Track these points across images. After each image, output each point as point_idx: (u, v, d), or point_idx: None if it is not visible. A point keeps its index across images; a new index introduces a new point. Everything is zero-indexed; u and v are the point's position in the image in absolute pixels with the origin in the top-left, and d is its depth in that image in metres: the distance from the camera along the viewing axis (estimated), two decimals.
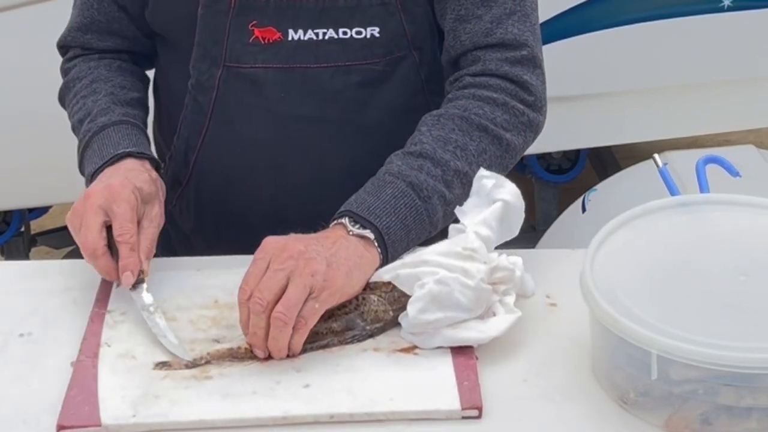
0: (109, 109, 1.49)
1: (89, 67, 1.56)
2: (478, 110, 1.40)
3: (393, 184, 1.34)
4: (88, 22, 1.57)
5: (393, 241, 1.31)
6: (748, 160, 2.41)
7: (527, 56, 1.44)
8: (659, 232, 1.29)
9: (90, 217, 1.32)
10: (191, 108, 1.51)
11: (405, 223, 1.32)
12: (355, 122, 1.49)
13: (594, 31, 2.84)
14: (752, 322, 1.14)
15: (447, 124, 1.39)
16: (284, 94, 1.48)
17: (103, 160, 1.42)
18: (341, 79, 1.47)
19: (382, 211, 1.31)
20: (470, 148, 1.38)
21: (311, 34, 1.45)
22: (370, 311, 1.28)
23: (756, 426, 1.12)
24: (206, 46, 1.48)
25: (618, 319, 1.14)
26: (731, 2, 2.84)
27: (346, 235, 1.29)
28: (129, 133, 1.46)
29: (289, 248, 1.24)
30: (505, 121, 1.41)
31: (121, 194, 1.33)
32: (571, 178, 3.30)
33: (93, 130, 1.47)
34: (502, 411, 1.18)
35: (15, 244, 3.16)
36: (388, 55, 1.48)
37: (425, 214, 1.34)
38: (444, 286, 1.24)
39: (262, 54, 1.47)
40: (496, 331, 1.25)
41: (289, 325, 1.21)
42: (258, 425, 1.17)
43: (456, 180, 1.36)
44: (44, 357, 1.29)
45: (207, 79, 1.49)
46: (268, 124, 1.49)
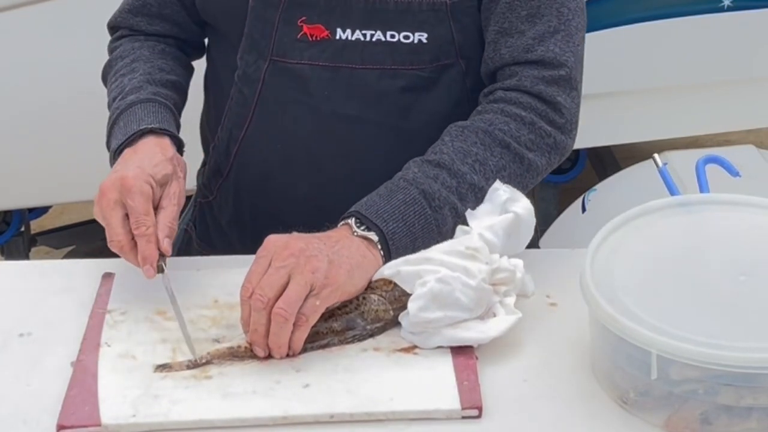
0: (141, 87, 1.50)
1: (133, 47, 1.57)
2: (504, 126, 1.40)
3: (405, 190, 1.34)
4: (140, 4, 1.58)
5: (397, 247, 1.31)
6: (748, 160, 2.41)
7: (564, 77, 1.43)
8: (659, 232, 1.29)
9: (109, 213, 1.32)
10: (236, 99, 1.52)
11: (412, 230, 1.32)
12: (397, 126, 1.49)
13: (594, 31, 2.84)
14: (752, 322, 1.14)
15: (470, 137, 1.39)
16: (328, 93, 1.48)
17: (125, 136, 1.42)
18: (386, 82, 1.47)
19: (390, 215, 1.31)
20: (490, 164, 1.38)
21: (359, 34, 1.45)
22: (371, 311, 1.28)
23: (756, 426, 1.12)
24: (254, 38, 1.48)
25: (618, 318, 1.14)
26: (731, 2, 2.84)
27: (350, 235, 1.30)
28: (155, 111, 1.46)
29: (291, 246, 1.25)
30: (529, 141, 1.41)
31: (134, 186, 1.32)
32: (571, 178, 3.29)
33: (122, 107, 1.47)
34: (502, 411, 1.18)
35: (15, 244, 3.15)
36: (434, 62, 1.47)
37: (434, 224, 1.34)
38: (445, 285, 1.24)
39: (308, 50, 1.47)
40: (496, 332, 1.25)
41: (290, 321, 1.21)
42: (258, 425, 1.17)
43: (470, 194, 1.36)
44: (44, 357, 1.29)
45: (253, 72, 1.50)
46: (310, 120, 1.49)
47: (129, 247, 1.32)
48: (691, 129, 3.11)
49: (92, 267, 1.45)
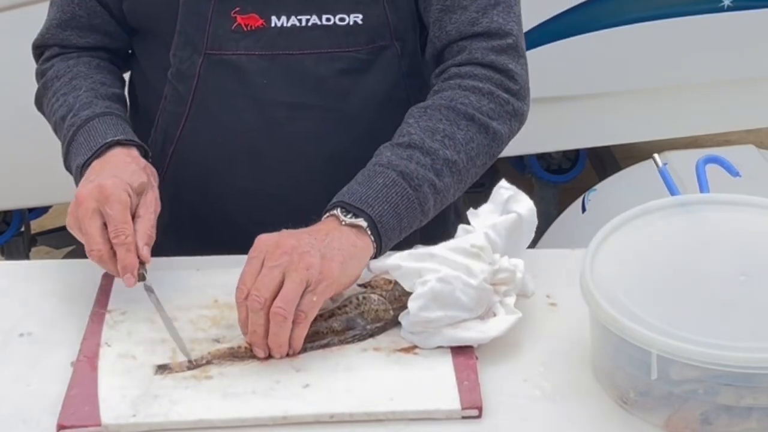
0: (92, 102, 1.48)
1: (68, 65, 1.55)
2: (464, 99, 1.42)
3: (384, 174, 1.34)
4: (69, 17, 1.56)
5: (386, 229, 1.32)
6: (748, 160, 2.41)
7: (512, 45, 1.46)
8: (659, 232, 1.29)
9: (88, 223, 1.31)
10: (170, 98, 1.51)
11: (397, 211, 1.33)
12: (337, 110, 1.50)
13: (594, 31, 2.84)
14: (752, 322, 1.14)
15: (434, 115, 1.40)
16: (267, 81, 1.48)
17: (91, 151, 1.41)
18: (324, 66, 1.48)
19: (374, 200, 1.32)
20: (458, 137, 1.39)
21: (294, 20, 1.46)
22: (371, 310, 1.28)
23: (756, 426, 1.12)
24: (188, 33, 1.48)
25: (618, 319, 1.14)
26: (731, 2, 2.84)
27: (339, 225, 1.30)
28: (115, 123, 1.46)
29: (282, 244, 1.25)
30: (491, 110, 1.43)
31: (113, 195, 1.31)
32: (571, 178, 3.29)
33: (77, 123, 1.46)
34: (502, 411, 1.18)
35: (15, 244, 3.15)
36: (370, 44, 1.48)
37: (417, 203, 1.35)
38: (446, 285, 1.24)
39: (244, 41, 1.47)
40: (497, 332, 1.25)
41: (289, 319, 1.21)
42: (258, 425, 1.17)
43: (445, 168, 1.38)
44: (44, 357, 1.29)
45: (188, 68, 1.49)
46: (250, 111, 1.49)
47: (108, 256, 1.31)
48: (691, 129, 3.11)
49: (92, 267, 1.44)
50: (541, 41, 2.82)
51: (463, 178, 1.41)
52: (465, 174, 1.41)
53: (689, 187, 1.82)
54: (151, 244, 1.34)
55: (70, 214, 1.33)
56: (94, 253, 1.31)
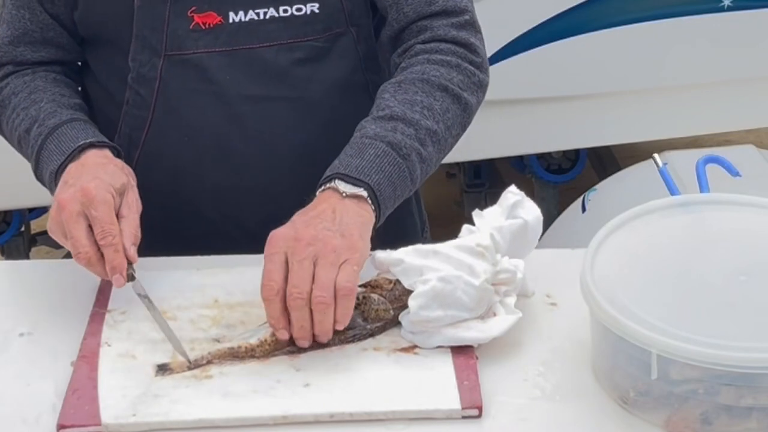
0: (56, 112, 1.47)
1: (24, 81, 1.53)
2: (435, 72, 1.44)
3: (373, 145, 1.36)
4: (21, 33, 1.54)
5: (384, 197, 1.34)
6: (748, 160, 2.41)
7: (469, 21, 1.50)
8: (659, 232, 1.29)
9: (73, 226, 1.30)
10: (133, 102, 1.50)
11: (391, 180, 1.35)
12: (300, 99, 1.51)
13: (594, 31, 2.84)
14: (752, 322, 1.14)
15: (410, 88, 1.43)
16: (229, 77, 1.48)
17: (64, 155, 1.40)
18: (284, 56, 1.49)
19: (369, 170, 1.34)
20: (436, 108, 1.42)
21: (252, 14, 1.47)
22: (371, 310, 1.28)
23: (756, 426, 1.12)
24: (145, 36, 1.47)
25: (618, 318, 1.14)
26: (731, 2, 2.84)
27: (340, 198, 1.31)
28: (83, 128, 1.45)
29: (303, 236, 1.25)
30: (461, 82, 1.46)
31: (97, 196, 1.30)
32: (571, 178, 3.30)
33: (45, 132, 1.44)
34: (502, 411, 1.18)
35: (15, 244, 3.15)
36: (327, 31, 1.50)
37: (407, 172, 1.37)
38: (447, 284, 1.24)
39: (203, 39, 1.47)
40: (497, 331, 1.25)
41: (331, 305, 1.22)
42: (258, 424, 1.17)
43: (428, 138, 1.40)
44: (44, 357, 1.28)
45: (148, 71, 1.49)
46: (215, 108, 1.50)
47: (96, 258, 1.29)
48: (691, 129, 3.11)
49: None
50: (541, 41, 2.82)
51: (443, 148, 1.44)
52: (444, 143, 1.44)
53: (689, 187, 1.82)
54: (137, 243, 1.33)
55: (51, 220, 1.32)
56: (81, 256, 1.29)
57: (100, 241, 1.29)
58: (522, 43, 2.80)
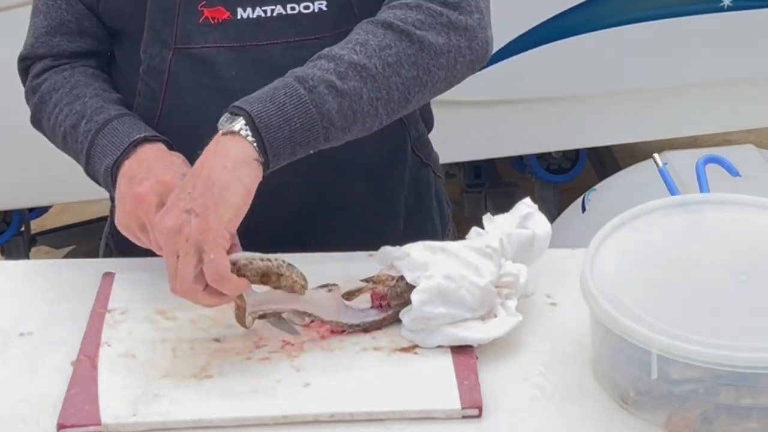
0: (103, 107, 1.48)
1: (63, 77, 1.54)
2: (387, 15, 1.38)
3: (278, 81, 1.32)
4: (57, 24, 1.55)
5: (267, 125, 1.27)
6: (748, 160, 2.41)
7: None
8: (659, 232, 1.29)
9: (153, 216, 1.29)
10: (144, 94, 1.51)
11: (283, 110, 1.29)
12: None
13: (594, 31, 2.84)
14: (752, 322, 1.14)
15: (353, 33, 1.38)
16: (236, 73, 1.48)
17: (119, 150, 1.41)
18: (292, 54, 1.47)
19: (255, 99, 1.29)
20: (371, 43, 1.35)
21: (260, 11, 1.46)
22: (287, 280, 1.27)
23: (756, 425, 1.12)
24: (156, 29, 1.48)
25: (618, 318, 1.14)
26: (731, 2, 2.84)
27: (216, 143, 1.28)
28: (134, 123, 1.45)
29: (164, 230, 1.23)
30: (417, 20, 1.37)
31: (175, 186, 1.30)
32: (571, 178, 3.30)
33: (95, 128, 1.45)
34: (502, 410, 1.18)
35: (15, 244, 3.16)
36: (336, 29, 1.48)
37: (311, 103, 1.30)
38: (452, 282, 1.24)
39: (212, 34, 1.47)
40: (497, 332, 1.26)
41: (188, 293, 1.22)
42: (258, 424, 1.17)
43: (351, 71, 1.33)
44: (44, 357, 1.29)
45: (158, 63, 1.49)
46: (221, 103, 1.48)
47: None
48: (691, 129, 3.11)
49: (92, 267, 1.45)
50: (541, 41, 2.82)
51: (382, 85, 1.35)
52: (383, 80, 1.35)
53: (689, 187, 1.82)
54: None
55: (128, 213, 1.33)
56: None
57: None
58: (522, 43, 2.79)
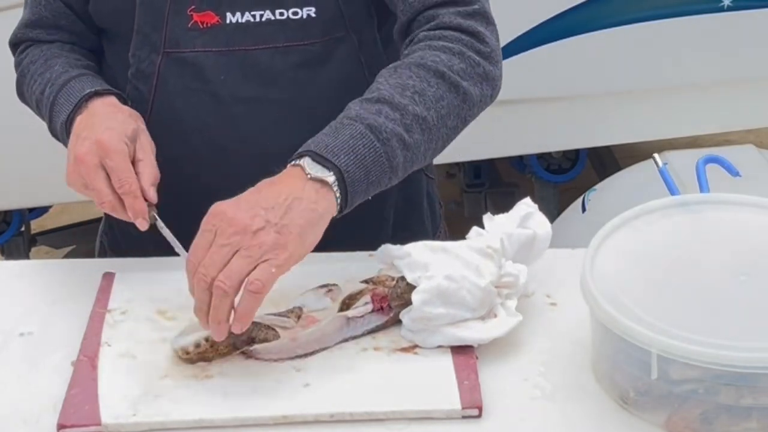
0: (67, 71, 1.51)
1: (41, 50, 1.58)
2: (435, 58, 1.40)
3: (351, 126, 1.32)
4: (36, 18, 1.58)
5: (352, 180, 1.28)
6: (748, 160, 2.41)
7: (479, 11, 1.45)
8: (659, 232, 1.29)
9: (93, 178, 1.35)
10: (132, 97, 1.52)
11: (364, 164, 1.30)
12: (296, 103, 1.50)
13: (594, 31, 2.84)
14: (752, 322, 1.14)
15: (404, 72, 1.38)
16: (225, 77, 1.49)
17: (72, 105, 1.44)
18: (280, 60, 1.49)
19: (340, 150, 1.29)
20: (428, 94, 1.37)
21: (249, 16, 1.47)
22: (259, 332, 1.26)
23: (756, 425, 1.12)
24: (145, 32, 1.49)
25: (618, 318, 1.14)
26: (731, 2, 2.84)
27: (303, 182, 1.27)
28: (90, 80, 1.49)
29: (236, 222, 1.22)
30: (461, 70, 1.40)
31: (111, 146, 1.35)
32: (571, 177, 3.30)
33: (56, 89, 1.49)
34: (502, 410, 1.18)
35: (15, 244, 3.16)
36: (325, 36, 1.49)
37: (384, 157, 1.32)
38: (452, 283, 1.24)
39: (201, 38, 1.48)
40: (497, 332, 1.26)
41: (230, 295, 1.18)
42: (258, 425, 1.17)
43: (415, 124, 1.35)
44: (44, 357, 1.29)
45: (147, 66, 1.50)
46: (210, 107, 1.50)
47: (120, 205, 1.35)
48: (691, 129, 3.11)
49: (92, 267, 1.45)
50: (541, 41, 2.83)
51: (434, 137, 1.38)
52: (435, 132, 1.38)
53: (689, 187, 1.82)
54: (156, 183, 1.38)
55: (72, 173, 1.37)
56: (105, 205, 1.35)
57: (119, 190, 1.34)
58: (522, 43, 2.80)
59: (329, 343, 1.27)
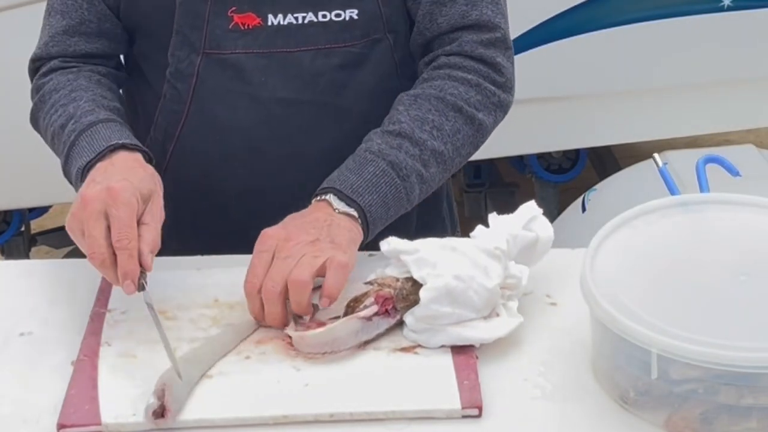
0: (94, 111, 1.45)
1: (67, 79, 1.52)
2: (453, 90, 1.46)
3: (374, 162, 1.39)
4: (77, 23, 1.53)
5: (374, 218, 1.36)
6: (748, 160, 2.41)
7: (500, 38, 1.50)
8: (659, 232, 1.29)
9: (92, 225, 1.27)
10: (170, 96, 1.51)
11: (385, 201, 1.38)
12: (333, 104, 1.52)
13: (594, 31, 2.84)
14: (752, 322, 1.14)
15: (423, 104, 1.44)
16: (265, 79, 1.49)
17: (94, 153, 1.38)
18: (321, 61, 1.49)
19: (364, 189, 1.36)
20: (446, 128, 1.44)
21: (291, 18, 1.47)
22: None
23: (756, 425, 1.12)
24: (185, 33, 1.48)
25: (618, 318, 1.14)
26: (731, 2, 2.84)
27: (333, 213, 1.34)
28: (119, 129, 1.43)
29: (293, 237, 1.28)
30: (477, 102, 1.47)
31: (121, 197, 1.27)
32: (571, 177, 3.30)
33: (79, 129, 1.42)
34: (502, 410, 1.18)
35: (15, 244, 3.16)
36: (365, 38, 1.50)
37: (404, 192, 1.40)
38: (460, 283, 1.25)
39: (242, 39, 1.48)
40: (500, 333, 1.26)
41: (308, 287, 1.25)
42: (258, 424, 1.17)
43: (432, 159, 1.42)
44: (44, 357, 1.29)
45: (186, 67, 1.50)
46: (248, 108, 1.50)
47: (111, 261, 1.26)
48: (691, 129, 3.11)
49: (92, 267, 1.44)
50: (541, 41, 2.83)
51: (448, 168, 1.46)
52: (450, 163, 1.46)
53: (689, 187, 1.82)
54: (155, 252, 1.29)
55: (73, 216, 1.29)
56: (95, 256, 1.26)
57: (115, 243, 1.26)
58: (522, 43, 2.79)
59: (341, 347, 1.26)
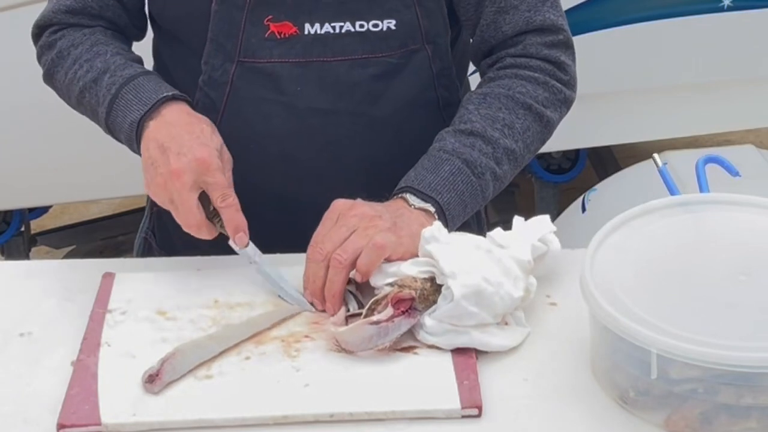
0: (127, 64, 1.48)
1: (83, 33, 1.53)
2: (521, 89, 1.48)
3: (450, 161, 1.41)
4: (80, 6, 1.54)
5: (453, 216, 1.38)
6: (748, 160, 2.41)
7: (563, 40, 1.53)
8: (659, 232, 1.29)
9: (186, 196, 1.34)
10: (202, 104, 1.50)
11: (462, 198, 1.40)
12: (368, 115, 1.51)
13: (594, 31, 2.85)
14: (752, 322, 1.14)
15: (494, 103, 1.46)
16: (300, 88, 1.49)
17: (146, 105, 1.41)
18: (357, 71, 1.49)
19: (442, 187, 1.38)
20: (516, 126, 1.46)
21: (328, 27, 1.46)
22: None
23: (756, 425, 1.12)
24: (220, 41, 1.48)
25: (618, 318, 1.14)
26: (731, 2, 2.84)
27: (409, 207, 1.36)
28: (160, 81, 1.46)
29: (357, 209, 1.31)
30: (545, 99, 1.50)
31: (211, 164, 1.34)
32: (571, 177, 3.30)
33: (119, 82, 1.45)
34: (502, 410, 1.18)
35: (15, 244, 3.16)
36: (402, 48, 1.49)
37: (479, 190, 1.42)
38: (489, 286, 1.24)
39: (278, 48, 1.47)
40: (515, 341, 1.27)
41: (345, 267, 1.27)
42: (258, 424, 1.17)
43: (504, 157, 1.45)
44: (44, 357, 1.29)
45: (220, 75, 1.49)
46: (283, 118, 1.50)
47: (207, 225, 1.36)
48: (691, 129, 3.11)
49: (92, 267, 1.45)
50: None
51: (519, 164, 1.49)
52: (521, 160, 1.48)
53: (689, 187, 1.82)
54: None
55: (160, 186, 1.35)
56: (193, 225, 1.35)
57: (221, 204, 1.35)
58: None
59: (354, 349, 1.25)
